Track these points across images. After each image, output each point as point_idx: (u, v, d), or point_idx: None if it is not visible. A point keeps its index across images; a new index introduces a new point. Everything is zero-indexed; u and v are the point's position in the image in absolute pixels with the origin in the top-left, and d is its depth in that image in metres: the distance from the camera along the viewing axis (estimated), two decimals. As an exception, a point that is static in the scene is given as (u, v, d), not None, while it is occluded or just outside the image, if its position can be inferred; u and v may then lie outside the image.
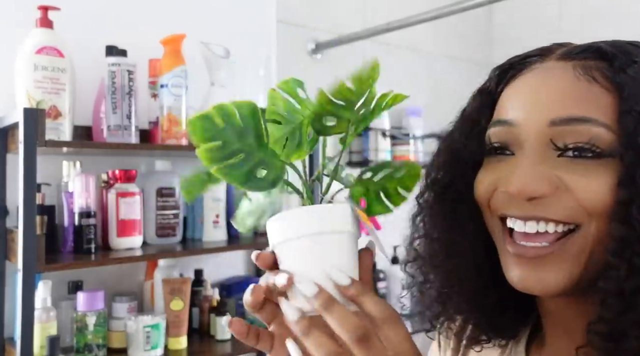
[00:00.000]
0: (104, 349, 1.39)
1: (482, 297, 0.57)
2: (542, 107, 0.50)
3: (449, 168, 0.58)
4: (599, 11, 2.34)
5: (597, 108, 0.48)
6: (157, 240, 1.54)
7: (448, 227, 0.58)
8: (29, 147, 1.20)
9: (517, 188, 0.49)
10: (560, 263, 0.49)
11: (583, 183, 0.48)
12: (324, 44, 2.07)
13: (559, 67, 0.52)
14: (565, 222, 0.49)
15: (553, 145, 0.49)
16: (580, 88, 0.49)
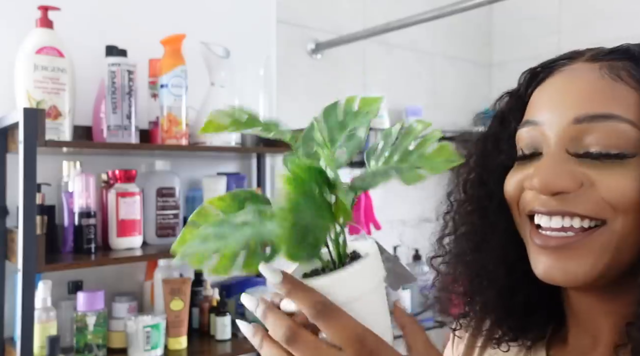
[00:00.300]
0: (104, 349, 1.39)
1: (509, 296, 0.58)
2: (566, 106, 0.51)
3: (481, 169, 0.60)
4: (599, 11, 2.34)
5: (621, 106, 0.49)
6: (157, 240, 1.54)
7: (479, 226, 0.59)
8: (29, 147, 1.20)
9: (542, 183, 0.50)
10: (584, 254, 0.49)
11: (608, 180, 0.48)
12: (324, 44, 2.07)
13: (586, 68, 0.52)
14: (591, 217, 0.49)
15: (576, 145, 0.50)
16: (604, 87, 0.50)
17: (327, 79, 2.15)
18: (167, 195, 1.55)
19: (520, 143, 0.55)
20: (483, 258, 0.58)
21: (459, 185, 0.62)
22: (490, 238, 0.58)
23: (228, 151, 1.63)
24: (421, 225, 2.39)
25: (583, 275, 0.50)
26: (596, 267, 0.49)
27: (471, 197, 0.60)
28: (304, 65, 2.08)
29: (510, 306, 0.59)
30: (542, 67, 0.58)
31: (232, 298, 1.75)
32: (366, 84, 2.28)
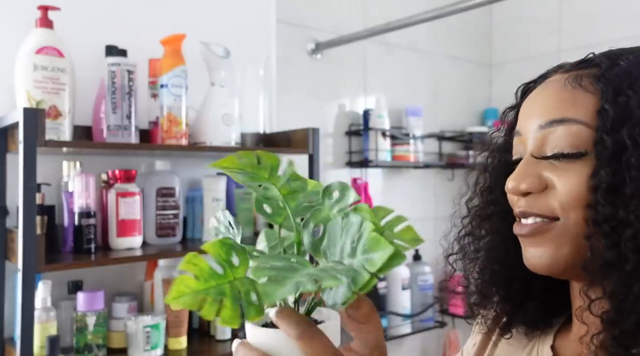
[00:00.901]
0: (104, 349, 1.39)
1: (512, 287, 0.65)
2: (535, 115, 0.58)
3: (489, 177, 0.68)
4: (599, 11, 2.34)
5: (578, 110, 0.55)
6: (157, 240, 1.54)
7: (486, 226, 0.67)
8: (29, 147, 1.20)
9: (511, 185, 0.58)
10: (546, 243, 0.56)
11: (564, 181, 0.55)
12: (324, 44, 2.07)
13: (556, 79, 0.59)
14: (547, 216, 0.56)
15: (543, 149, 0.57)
16: (565, 95, 0.56)
17: (327, 79, 2.15)
18: (167, 195, 1.55)
19: (512, 151, 0.63)
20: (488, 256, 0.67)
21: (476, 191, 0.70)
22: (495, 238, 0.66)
23: (228, 151, 1.63)
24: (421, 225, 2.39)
25: (549, 263, 0.56)
26: (558, 256, 0.56)
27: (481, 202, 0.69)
28: (304, 65, 2.08)
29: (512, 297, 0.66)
30: (533, 82, 0.65)
31: (232, 298, 1.75)
32: (366, 83, 2.28)
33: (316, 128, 1.70)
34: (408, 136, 2.26)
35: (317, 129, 1.70)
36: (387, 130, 2.17)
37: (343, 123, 2.20)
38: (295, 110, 2.04)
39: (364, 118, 2.21)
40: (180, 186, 1.60)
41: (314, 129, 1.70)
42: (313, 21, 2.11)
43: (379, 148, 2.15)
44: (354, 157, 2.20)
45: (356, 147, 2.21)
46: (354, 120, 2.23)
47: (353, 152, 2.20)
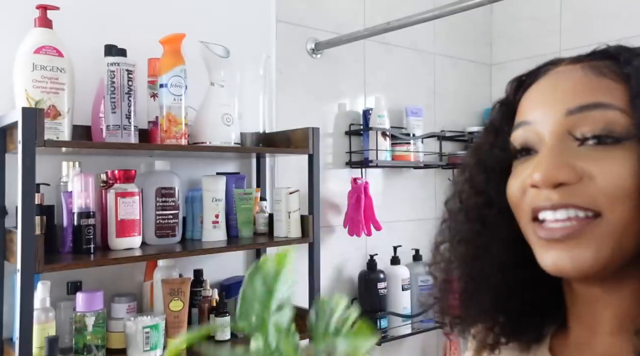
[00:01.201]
0: (103, 350, 1.39)
1: (507, 299, 0.60)
2: (557, 102, 0.53)
3: (477, 178, 0.62)
4: (599, 11, 2.33)
5: (609, 96, 0.51)
6: (157, 241, 1.54)
7: (477, 233, 0.61)
8: (28, 146, 1.20)
9: (544, 176, 0.51)
10: (588, 243, 0.51)
11: (604, 171, 0.50)
12: (324, 43, 2.07)
13: (570, 69, 0.55)
14: (590, 209, 0.50)
15: (572, 136, 0.52)
16: (590, 81, 0.53)
17: (327, 79, 2.15)
18: (167, 195, 1.55)
19: (515, 144, 0.57)
20: (480, 265, 0.60)
21: (456, 194, 0.64)
22: (489, 245, 0.60)
23: (228, 151, 1.62)
24: (421, 225, 2.39)
25: (590, 264, 0.51)
26: (600, 255, 0.50)
27: (468, 206, 0.62)
28: (304, 65, 2.08)
29: (507, 310, 0.61)
30: (528, 75, 0.60)
31: (232, 299, 1.75)
32: (366, 83, 2.28)
33: (316, 128, 1.70)
34: (408, 136, 2.26)
35: (317, 129, 1.70)
36: (387, 130, 2.17)
37: (343, 123, 2.20)
38: (295, 110, 2.04)
39: (364, 118, 2.21)
40: (180, 186, 1.60)
41: (314, 129, 1.69)
42: (313, 21, 2.10)
43: (379, 148, 2.14)
44: (354, 157, 2.20)
45: (356, 147, 2.21)
46: (354, 120, 2.22)
47: (353, 152, 2.20)
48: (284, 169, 1.98)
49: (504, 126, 0.60)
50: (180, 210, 1.59)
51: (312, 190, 1.71)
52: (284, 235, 1.72)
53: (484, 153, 0.62)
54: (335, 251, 2.13)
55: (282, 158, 1.95)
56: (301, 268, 1.82)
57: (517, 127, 0.57)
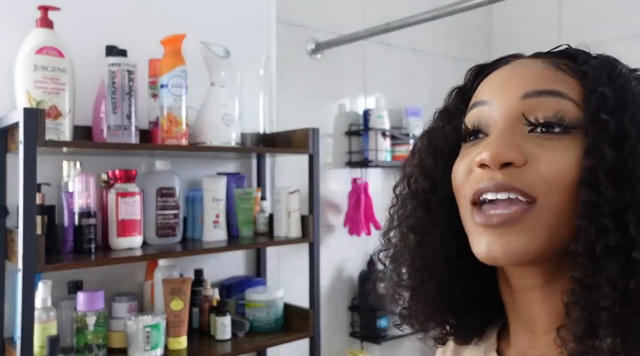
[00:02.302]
0: (104, 349, 1.39)
1: (450, 290, 0.59)
2: (514, 85, 0.54)
3: (427, 163, 0.61)
4: (599, 11, 2.34)
5: (565, 87, 0.53)
6: (157, 240, 1.54)
7: (422, 218, 0.60)
8: (29, 147, 1.20)
9: (492, 154, 0.51)
10: (522, 230, 0.51)
11: (548, 157, 0.51)
12: (324, 44, 2.07)
13: (530, 61, 0.57)
14: (527, 194, 0.51)
15: (525, 120, 0.53)
16: (549, 72, 0.54)
17: (327, 79, 2.15)
18: (167, 195, 1.55)
19: (468, 124, 0.57)
20: (424, 251, 0.60)
21: (404, 179, 0.63)
22: (432, 230, 0.59)
23: (228, 151, 1.63)
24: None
25: (522, 251, 0.51)
26: (533, 244, 0.50)
27: (415, 190, 0.61)
28: (304, 65, 2.08)
29: (449, 302, 0.60)
30: (488, 64, 0.61)
31: (232, 298, 1.75)
32: (366, 83, 2.28)
33: (316, 128, 1.70)
34: (408, 136, 2.26)
35: (317, 129, 1.70)
36: (387, 130, 2.17)
37: (343, 123, 2.20)
38: (295, 110, 2.04)
39: (364, 118, 2.21)
40: (180, 186, 1.60)
41: (314, 129, 1.70)
42: (313, 21, 2.11)
43: (379, 148, 2.15)
44: (354, 157, 2.20)
45: (356, 147, 2.21)
46: (354, 120, 2.23)
47: (353, 152, 2.20)
48: (284, 169, 1.98)
49: (458, 110, 0.61)
50: (181, 210, 1.60)
51: (312, 190, 1.71)
52: (284, 234, 1.73)
53: (434, 137, 0.62)
54: (335, 251, 2.14)
55: (282, 158, 1.95)
56: (301, 268, 1.82)
57: (472, 107, 0.57)
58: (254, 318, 1.69)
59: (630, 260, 0.47)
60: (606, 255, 0.48)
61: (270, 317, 1.70)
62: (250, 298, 1.71)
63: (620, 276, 0.47)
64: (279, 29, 2.01)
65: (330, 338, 2.13)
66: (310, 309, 1.71)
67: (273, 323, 1.71)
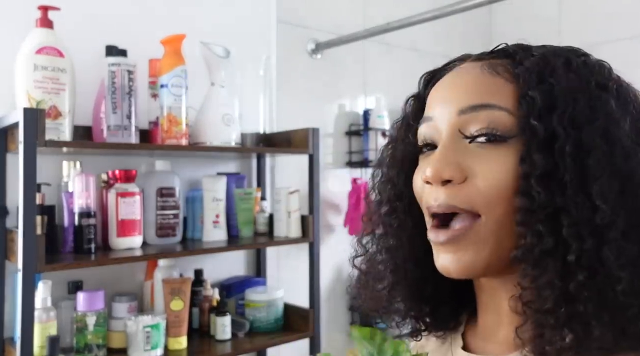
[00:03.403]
0: (104, 349, 1.39)
1: (422, 289, 0.63)
2: (452, 100, 0.56)
3: (390, 171, 0.64)
4: (599, 11, 2.34)
5: (498, 96, 0.54)
6: (157, 240, 1.54)
7: (389, 224, 0.63)
8: (29, 147, 1.20)
9: (431, 172, 0.53)
10: (467, 245, 0.53)
11: (485, 170, 0.52)
12: (324, 44, 2.07)
13: (471, 66, 0.58)
14: (468, 211, 0.53)
15: (462, 134, 0.54)
16: (484, 80, 0.55)
17: (327, 79, 2.15)
18: (167, 195, 1.55)
19: (420, 139, 0.59)
20: (394, 255, 0.63)
21: (374, 187, 0.66)
22: (400, 235, 0.62)
23: (228, 151, 1.63)
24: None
25: (470, 266, 0.53)
26: (479, 257, 0.53)
27: (382, 199, 0.64)
28: (304, 65, 2.08)
29: (423, 299, 0.63)
30: (438, 70, 0.63)
31: (232, 298, 1.75)
32: (366, 83, 2.28)
33: (316, 128, 1.70)
34: (408, 136, 2.26)
35: (317, 129, 1.70)
36: (387, 130, 2.17)
37: (343, 123, 2.20)
38: (295, 110, 2.04)
39: (364, 118, 2.21)
40: (180, 186, 1.60)
41: (314, 129, 1.70)
42: (313, 21, 2.11)
43: (379, 148, 2.14)
44: (354, 157, 2.20)
45: (356, 147, 2.21)
46: (354, 120, 2.23)
47: (353, 152, 2.20)
48: (284, 169, 1.98)
49: (414, 119, 0.62)
50: (181, 210, 1.60)
51: (312, 190, 1.71)
52: (284, 235, 1.73)
53: (396, 147, 0.64)
54: (335, 251, 2.14)
55: (282, 158, 1.95)
56: (301, 268, 1.82)
57: (421, 122, 0.59)
58: (254, 318, 1.69)
59: (567, 262, 0.48)
60: (543, 259, 0.49)
61: (270, 317, 1.70)
62: (250, 298, 1.71)
63: (559, 279, 0.48)
64: (279, 29, 2.01)
65: (330, 338, 2.13)
66: (310, 309, 1.71)
67: (273, 323, 1.71)
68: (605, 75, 0.54)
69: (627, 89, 0.55)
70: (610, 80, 0.54)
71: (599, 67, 0.55)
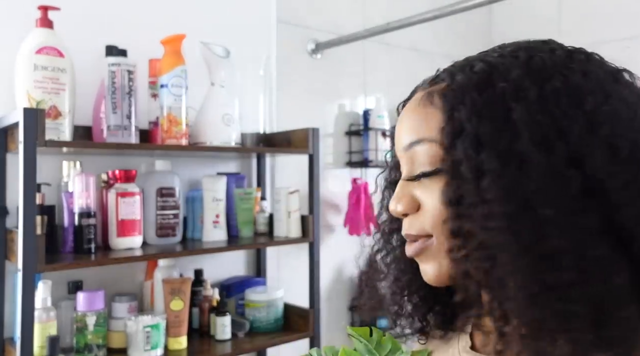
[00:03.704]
0: (104, 349, 1.39)
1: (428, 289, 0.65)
2: (399, 138, 0.60)
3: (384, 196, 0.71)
4: (599, 11, 2.34)
5: (430, 129, 0.56)
6: (157, 240, 1.54)
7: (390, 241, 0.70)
8: (29, 147, 1.20)
9: (390, 209, 0.60)
10: (430, 260, 0.58)
11: (429, 199, 0.56)
12: (324, 44, 2.07)
13: (416, 98, 0.60)
14: (422, 236, 0.58)
15: (409, 171, 0.59)
16: (419, 113, 0.58)
17: (327, 79, 2.15)
18: (167, 195, 1.55)
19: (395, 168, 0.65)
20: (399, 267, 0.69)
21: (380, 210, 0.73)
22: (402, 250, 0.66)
23: (228, 151, 1.63)
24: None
25: (436, 277, 0.58)
26: (442, 269, 0.57)
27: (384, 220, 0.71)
28: (304, 65, 2.08)
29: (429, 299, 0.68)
30: (406, 100, 0.65)
31: (232, 298, 1.75)
32: (366, 83, 2.28)
33: (316, 128, 1.70)
34: (408, 136, 2.26)
35: (317, 129, 1.70)
36: (387, 130, 2.17)
37: (343, 123, 2.20)
38: (295, 110, 2.04)
39: (364, 118, 2.21)
40: (180, 186, 1.60)
41: (314, 129, 1.70)
42: (313, 21, 2.11)
43: (379, 148, 2.15)
44: (354, 157, 2.20)
45: (356, 147, 2.21)
46: (354, 120, 2.23)
47: (353, 152, 2.20)
48: (284, 169, 1.98)
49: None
50: (181, 210, 1.60)
51: (312, 190, 1.71)
52: (284, 235, 1.73)
53: (389, 173, 0.71)
54: (335, 251, 2.14)
55: (282, 158, 1.95)
56: (301, 268, 1.82)
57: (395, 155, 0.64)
58: (254, 318, 1.69)
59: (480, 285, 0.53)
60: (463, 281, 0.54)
61: (270, 317, 1.70)
62: (250, 298, 1.71)
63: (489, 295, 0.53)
64: (279, 29, 2.01)
65: (330, 338, 2.13)
66: (310, 309, 1.71)
67: (273, 323, 1.71)
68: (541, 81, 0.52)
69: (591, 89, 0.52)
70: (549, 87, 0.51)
71: (551, 70, 0.52)
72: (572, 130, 0.49)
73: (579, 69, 0.53)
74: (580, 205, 0.48)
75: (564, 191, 0.49)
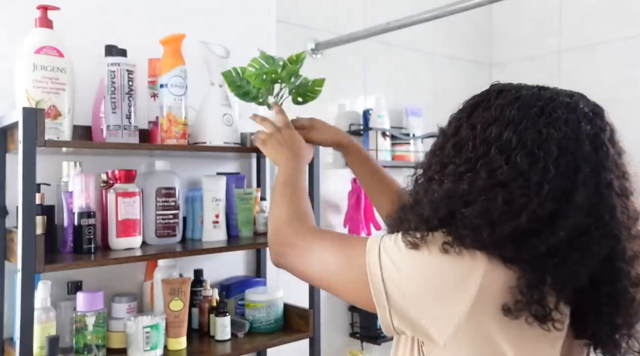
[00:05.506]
0: (104, 349, 1.39)
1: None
2: None
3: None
4: (599, 11, 2.34)
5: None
6: (157, 240, 1.54)
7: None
8: (29, 147, 1.20)
9: None
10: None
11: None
12: (324, 43, 2.07)
13: None
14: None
15: None
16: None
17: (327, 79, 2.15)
18: (167, 195, 1.55)
19: None
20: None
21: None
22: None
23: (228, 151, 1.63)
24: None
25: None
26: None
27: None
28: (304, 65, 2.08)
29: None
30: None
31: (232, 299, 1.75)
32: (366, 83, 2.28)
33: (316, 128, 1.70)
34: (408, 136, 2.26)
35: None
36: (387, 130, 2.17)
37: (343, 123, 2.20)
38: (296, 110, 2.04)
39: (364, 118, 2.21)
40: (180, 186, 1.60)
41: (314, 129, 1.69)
42: (313, 21, 2.11)
43: (379, 148, 2.15)
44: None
45: (356, 147, 2.21)
46: (354, 120, 2.22)
47: (353, 152, 2.20)
48: (284, 169, 1.97)
49: None
50: (181, 210, 1.59)
51: (312, 190, 1.71)
52: (284, 235, 1.72)
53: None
54: (335, 251, 2.13)
55: (282, 158, 1.95)
56: (301, 268, 1.82)
57: None
58: (253, 319, 1.69)
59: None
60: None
61: (270, 317, 1.70)
62: (250, 299, 1.71)
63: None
64: (279, 29, 2.01)
65: (330, 338, 2.13)
66: (310, 309, 1.71)
67: (273, 323, 1.71)
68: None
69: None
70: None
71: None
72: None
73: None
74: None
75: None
